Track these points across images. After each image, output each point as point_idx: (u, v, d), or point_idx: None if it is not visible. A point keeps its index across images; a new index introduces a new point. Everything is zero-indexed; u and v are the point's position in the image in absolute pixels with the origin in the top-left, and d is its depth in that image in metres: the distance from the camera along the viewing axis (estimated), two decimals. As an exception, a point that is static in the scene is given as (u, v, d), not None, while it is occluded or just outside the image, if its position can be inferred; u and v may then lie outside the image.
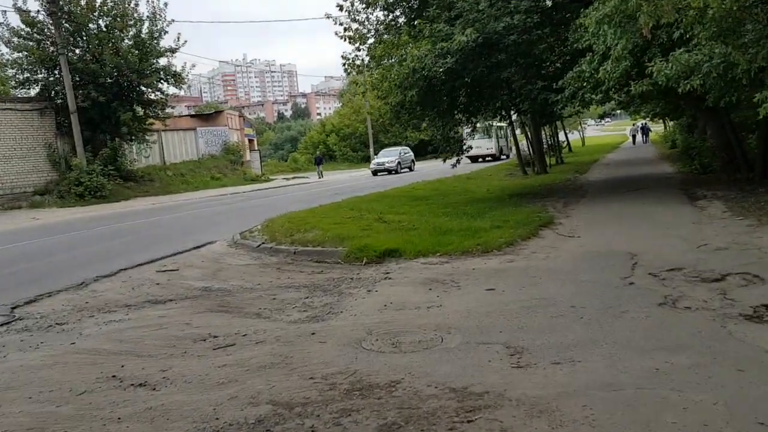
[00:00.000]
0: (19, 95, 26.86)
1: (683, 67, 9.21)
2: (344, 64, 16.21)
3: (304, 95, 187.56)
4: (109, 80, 25.92)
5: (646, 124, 52.06)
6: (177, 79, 27.78)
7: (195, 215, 17.45)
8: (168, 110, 30.35)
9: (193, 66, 72.00)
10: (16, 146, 24.33)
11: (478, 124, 18.36)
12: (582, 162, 29.84)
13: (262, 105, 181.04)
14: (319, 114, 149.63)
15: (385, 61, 14.37)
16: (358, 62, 16.27)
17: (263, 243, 9.86)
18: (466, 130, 16.66)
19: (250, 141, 43.72)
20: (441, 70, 11.57)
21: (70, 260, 10.34)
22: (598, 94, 13.21)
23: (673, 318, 4.95)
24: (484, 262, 7.60)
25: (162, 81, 27.37)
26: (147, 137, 29.20)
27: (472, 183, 21.95)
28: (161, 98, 28.05)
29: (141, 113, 27.98)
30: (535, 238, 9.03)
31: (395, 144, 57.40)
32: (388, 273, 7.46)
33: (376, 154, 53.19)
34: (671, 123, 44.02)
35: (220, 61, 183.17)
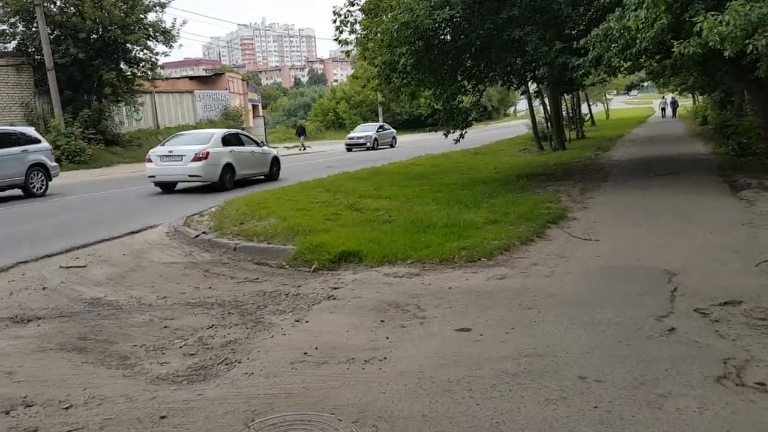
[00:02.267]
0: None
1: (744, 22, 7.05)
2: (335, 21, 14.06)
3: (321, 61, 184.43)
4: (94, 36, 23.95)
5: (674, 98, 50.16)
6: (166, 36, 25.70)
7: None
8: (159, 71, 28.25)
9: (184, 23, 67.48)
10: None
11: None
12: (605, 137, 27.47)
13: (279, 70, 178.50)
14: (336, 80, 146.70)
15: (375, 14, 12.22)
16: (351, 19, 14.12)
17: (203, 233, 8.00)
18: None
19: (254, 107, 41.67)
20: (437, 23, 9.45)
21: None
22: (627, 60, 11.05)
23: (745, 414, 3.02)
24: (466, 278, 5.65)
25: (150, 38, 25.29)
26: (135, 99, 27.25)
27: (480, 159, 19.87)
28: (150, 57, 26.01)
29: (128, 73, 26.00)
30: (539, 240, 7.04)
31: (407, 112, 55.20)
32: (336, 288, 5.55)
33: (388, 122, 51.05)
34: (700, 98, 41.34)
35: (238, 24, 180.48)
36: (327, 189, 11.22)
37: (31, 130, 15.33)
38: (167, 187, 14.21)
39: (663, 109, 52.09)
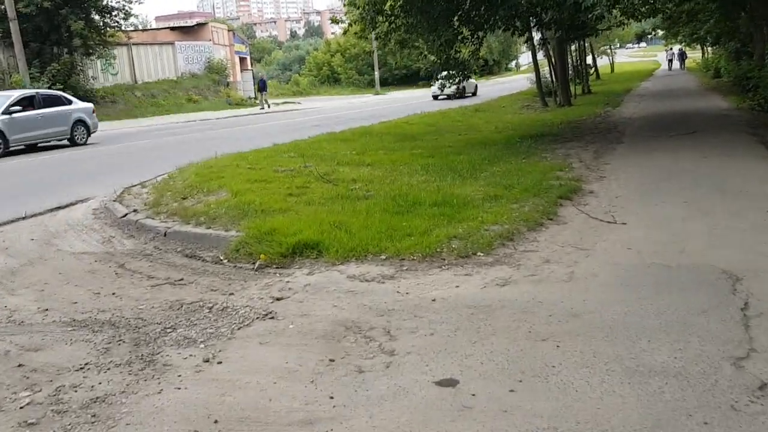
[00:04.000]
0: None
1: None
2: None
3: (318, 12, 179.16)
4: (60, -18, 21.90)
5: (682, 49, 48.13)
6: (139, -19, 23.58)
7: (124, 151, 14.02)
8: (133, 20, 26.18)
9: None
10: None
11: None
12: (613, 92, 25.65)
13: (275, 23, 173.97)
14: (333, 33, 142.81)
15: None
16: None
17: (133, 211, 6.49)
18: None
19: (242, 59, 39.44)
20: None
21: None
22: (646, 3, 9.40)
23: None
24: (456, 283, 4.18)
25: (120, -18, 23.20)
26: (108, 51, 25.25)
27: (479, 117, 18.24)
28: (123, 5, 23.91)
29: (100, 23, 23.95)
30: (550, 223, 5.54)
31: (405, 67, 52.86)
32: (280, 299, 4.09)
33: (384, 78, 48.88)
34: (710, 49, 39.21)
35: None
36: (301, 153, 9.64)
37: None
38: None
39: (670, 61, 50.07)
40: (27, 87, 20.44)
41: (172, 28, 34.84)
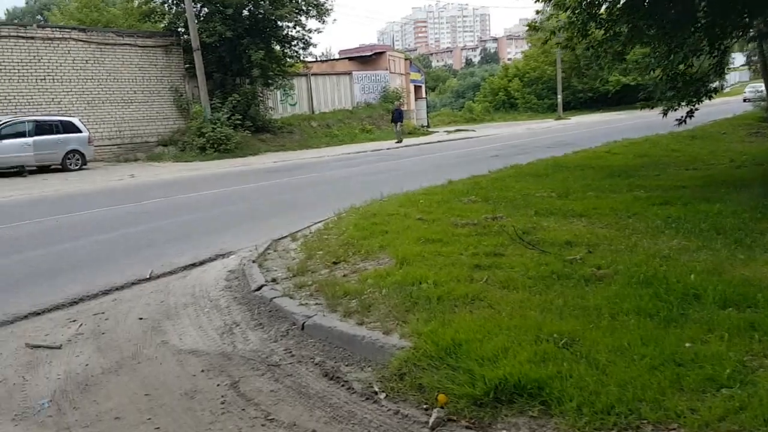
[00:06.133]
0: (144, 30, 23.83)
1: None
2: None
3: (494, 39, 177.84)
4: (245, 12, 22.28)
5: None
6: (319, 10, 23.35)
7: (289, 185, 12.96)
8: (312, 49, 26.11)
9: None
10: (137, 89, 21.32)
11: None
12: None
13: (451, 51, 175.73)
14: (509, 59, 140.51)
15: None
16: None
17: (271, 280, 4.86)
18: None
19: (417, 87, 38.59)
20: None
21: (13, 267, 6.20)
22: None
23: None
24: None
25: (301, 12, 23.07)
26: (286, 81, 25.33)
27: (698, 146, 14.93)
28: (303, 35, 23.81)
29: (280, 54, 24.07)
30: None
31: (591, 89, 48.90)
32: None
33: (566, 102, 45.33)
34: None
35: (413, 8, 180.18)
36: (485, 197, 7.56)
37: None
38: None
39: None
40: (207, 117, 20.90)
41: (350, 58, 34.95)
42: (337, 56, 38.88)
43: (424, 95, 40.11)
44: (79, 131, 17.81)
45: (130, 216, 9.55)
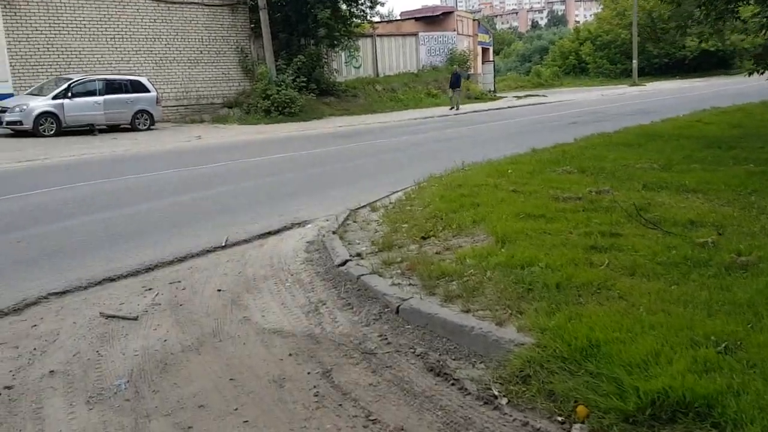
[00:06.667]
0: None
1: None
2: None
3: (562, 1, 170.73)
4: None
5: None
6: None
7: (359, 150, 12.53)
8: (378, 8, 25.19)
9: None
10: (203, 49, 21.03)
11: None
12: None
13: (516, 13, 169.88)
14: (577, 21, 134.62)
15: None
16: None
17: (356, 255, 4.45)
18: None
19: (485, 50, 37.17)
20: None
21: (61, 233, 6.03)
22: None
23: None
24: None
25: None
26: (352, 42, 24.65)
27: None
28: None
29: (346, 13, 23.39)
30: None
31: (667, 55, 46.24)
32: None
33: (640, 67, 42.87)
34: None
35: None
36: (580, 167, 6.90)
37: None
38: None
39: None
40: (273, 79, 20.57)
41: (417, 19, 33.88)
42: (399, 17, 37.79)
43: (491, 58, 38.68)
44: (148, 91, 17.78)
45: (200, 179, 9.34)
